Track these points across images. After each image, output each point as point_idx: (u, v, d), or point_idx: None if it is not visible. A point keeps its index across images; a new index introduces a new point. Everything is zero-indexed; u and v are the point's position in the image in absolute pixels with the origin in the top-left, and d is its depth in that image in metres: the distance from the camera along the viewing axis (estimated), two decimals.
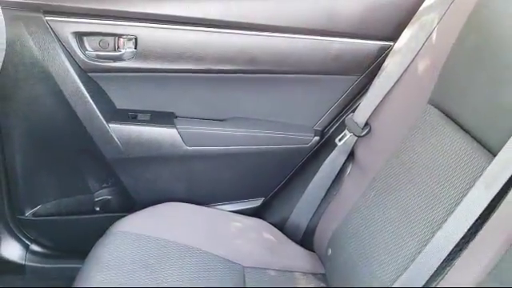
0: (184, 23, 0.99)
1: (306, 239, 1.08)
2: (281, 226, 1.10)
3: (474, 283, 0.56)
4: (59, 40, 0.97)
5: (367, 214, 0.87)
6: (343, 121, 1.04)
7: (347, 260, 0.87)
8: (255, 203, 1.17)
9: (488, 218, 0.59)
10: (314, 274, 0.98)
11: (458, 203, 0.66)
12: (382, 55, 1.02)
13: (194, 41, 1.01)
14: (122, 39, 0.99)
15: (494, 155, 0.64)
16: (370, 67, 1.04)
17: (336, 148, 1.01)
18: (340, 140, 0.99)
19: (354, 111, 1.00)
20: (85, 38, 0.99)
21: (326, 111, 1.10)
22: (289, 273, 0.96)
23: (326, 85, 1.08)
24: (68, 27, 0.97)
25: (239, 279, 0.92)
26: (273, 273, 0.96)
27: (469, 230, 0.62)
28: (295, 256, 1.02)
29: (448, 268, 0.62)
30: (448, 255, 0.63)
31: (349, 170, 1.01)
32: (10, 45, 0.87)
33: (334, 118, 1.11)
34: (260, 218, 1.11)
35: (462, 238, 0.62)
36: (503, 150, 0.62)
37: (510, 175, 0.59)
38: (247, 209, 1.16)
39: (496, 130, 0.66)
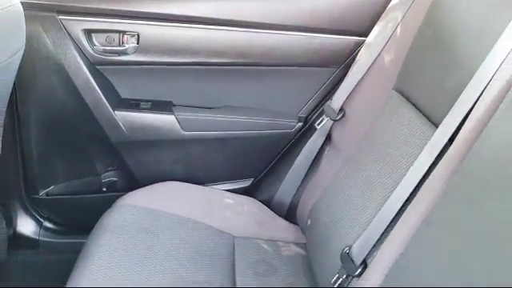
0: (181, 21, 1.12)
1: (290, 214, 1.20)
2: (268, 203, 1.22)
3: (413, 231, 0.67)
4: (70, 36, 1.10)
5: (340, 187, 0.99)
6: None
7: (322, 228, 0.99)
8: (245, 183, 1.30)
9: (428, 176, 0.71)
10: (296, 244, 1.09)
11: (408, 169, 0.77)
12: (356, 49, 1.14)
13: (189, 37, 1.13)
14: (125, 35, 1.12)
15: (437, 127, 0.76)
16: (347, 60, 1.16)
17: (316, 132, 1.14)
18: (319, 124, 1.12)
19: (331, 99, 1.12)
20: (93, 35, 1.12)
21: (309, 100, 1.23)
22: (273, 242, 1.08)
23: (308, 76, 1.20)
24: (78, 25, 1.11)
25: (229, 247, 1.04)
26: (259, 242, 1.08)
27: (414, 189, 0.74)
28: (280, 228, 1.14)
29: (395, 222, 0.74)
30: (397, 212, 0.75)
31: (326, 150, 1.14)
32: (27, 41, 0.99)
33: (316, 106, 1.23)
34: (249, 196, 1.24)
35: (409, 196, 0.74)
36: (443, 122, 0.74)
37: (445, 142, 0.71)
38: (238, 188, 1.29)
39: (440, 107, 0.78)
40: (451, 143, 0.70)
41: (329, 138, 1.14)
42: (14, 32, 0.90)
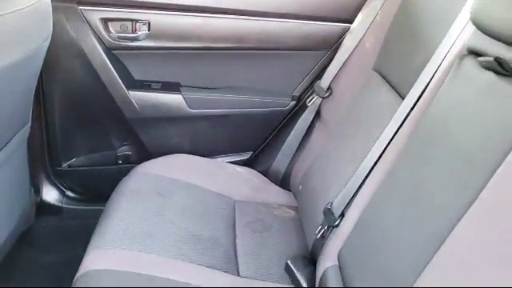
0: (187, 10, 1.26)
1: (284, 182, 1.35)
2: (265, 173, 1.37)
3: (377, 184, 0.82)
4: (89, 24, 1.25)
5: (326, 156, 1.14)
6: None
7: (311, 191, 1.14)
8: (245, 155, 1.45)
9: (391, 141, 0.85)
10: (288, 206, 1.24)
11: (379, 136, 0.91)
12: (343, 34, 1.28)
13: (195, 24, 1.28)
14: (138, 23, 1.27)
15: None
16: (335, 44, 1.30)
17: (307, 108, 1.28)
18: (309, 102, 1.26)
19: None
20: (109, 23, 1.26)
21: (301, 80, 1.37)
22: (268, 205, 1.23)
23: (300, 59, 1.34)
24: (96, 14, 1.25)
25: (230, 208, 1.19)
26: (256, 205, 1.23)
27: (383, 151, 0.88)
28: (274, 193, 1.29)
29: (367, 179, 0.88)
30: (369, 171, 0.90)
31: (316, 125, 1.28)
32: (52, 29, 1.14)
33: (308, 86, 1.37)
34: (249, 166, 1.39)
35: (379, 157, 0.88)
36: (408, 95, 0.88)
37: (408, 111, 0.85)
38: (239, 160, 1.44)
39: (408, 83, 0.91)
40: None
41: (318, 113, 1.28)
42: (44, 21, 1.04)
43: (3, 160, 1.09)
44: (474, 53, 0.69)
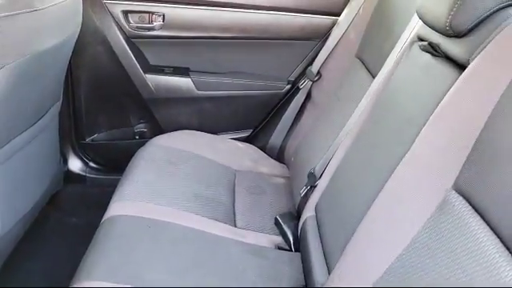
0: (197, 4, 1.45)
1: (279, 156, 1.54)
2: (263, 148, 1.56)
3: (348, 146, 1.00)
4: (112, 16, 1.44)
5: (314, 131, 1.33)
6: None
7: (300, 162, 1.33)
8: (246, 133, 1.64)
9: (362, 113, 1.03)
10: (282, 176, 1.43)
11: (353, 112, 1.09)
12: (332, 26, 1.45)
13: (203, 16, 1.46)
14: (154, 15, 1.46)
15: None
16: (326, 35, 1.47)
17: (299, 91, 1.46)
18: (302, 85, 1.44)
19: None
20: (129, 15, 1.46)
21: (296, 66, 1.55)
22: (264, 174, 1.42)
23: (296, 48, 1.52)
24: (118, 7, 1.44)
25: (231, 176, 1.38)
26: (253, 174, 1.41)
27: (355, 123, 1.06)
28: (270, 166, 1.48)
29: (342, 144, 1.06)
30: (343, 141, 1.07)
31: (307, 105, 1.47)
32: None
33: (302, 71, 1.55)
34: (249, 142, 1.58)
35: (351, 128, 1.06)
36: (377, 75, 1.05)
37: (375, 88, 1.02)
38: (240, 137, 1.63)
39: (378, 66, 1.08)
40: None
41: (309, 95, 1.46)
42: (75, 14, 1.24)
43: (38, 130, 1.29)
44: (421, 39, 0.86)
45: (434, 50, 0.77)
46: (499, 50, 0.63)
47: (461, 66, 0.70)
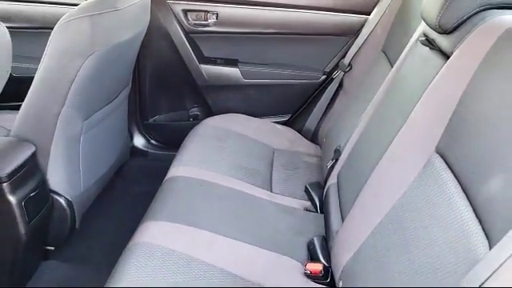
0: (245, 4, 1.68)
1: (314, 138, 1.74)
2: (300, 131, 1.77)
3: (363, 127, 1.19)
4: (174, 14, 1.70)
5: (343, 115, 1.52)
6: None
7: (330, 142, 1.52)
8: (285, 117, 1.87)
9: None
10: (314, 156, 1.63)
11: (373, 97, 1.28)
12: (363, 24, 1.64)
13: (250, 14, 1.69)
14: (209, 14, 1.71)
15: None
16: (357, 31, 1.66)
17: (333, 81, 1.66)
18: (335, 75, 1.64)
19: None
20: (188, 13, 1.71)
21: (331, 59, 1.75)
22: (299, 152, 1.63)
23: (331, 42, 1.72)
24: (179, 6, 1.70)
25: (270, 154, 1.59)
26: (289, 152, 1.62)
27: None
28: (305, 146, 1.69)
29: (361, 123, 1.26)
30: (363, 119, 1.27)
31: (339, 93, 1.66)
32: None
33: (336, 64, 1.74)
34: (287, 125, 1.79)
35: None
36: (395, 64, 1.23)
37: (391, 76, 1.20)
38: (280, 120, 1.85)
39: (396, 57, 1.26)
40: None
41: (341, 84, 1.66)
42: (145, 12, 1.50)
43: (112, 109, 1.56)
44: (424, 35, 1.04)
45: (430, 43, 0.95)
46: (472, 44, 0.81)
47: (447, 57, 0.88)
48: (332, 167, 1.35)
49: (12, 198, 1.15)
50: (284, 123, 1.84)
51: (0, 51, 0.91)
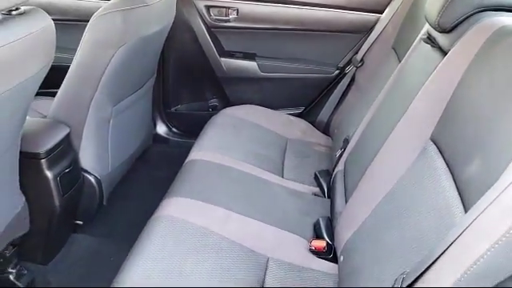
0: (264, 1, 1.78)
1: (326, 130, 1.84)
2: (313, 123, 1.87)
3: (372, 114, 1.28)
4: (197, 10, 1.81)
5: (354, 108, 1.61)
6: None
7: (341, 133, 1.62)
8: (299, 110, 1.96)
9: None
10: (326, 146, 1.73)
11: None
12: (376, 22, 1.72)
13: (268, 11, 1.79)
14: (230, 10, 1.81)
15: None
16: (370, 29, 1.74)
17: (345, 76, 1.75)
18: (347, 70, 1.73)
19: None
20: (210, 9, 1.82)
21: (345, 55, 1.84)
22: (310, 142, 1.72)
23: (345, 39, 1.81)
24: (202, 2, 1.81)
25: (284, 143, 1.69)
26: (302, 142, 1.72)
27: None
28: (317, 137, 1.78)
29: (368, 113, 1.35)
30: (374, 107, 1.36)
31: (351, 87, 1.75)
32: None
33: (349, 59, 1.83)
34: (301, 117, 1.89)
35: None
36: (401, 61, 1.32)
37: (397, 71, 1.29)
38: (294, 113, 1.95)
39: (404, 54, 1.34)
40: None
41: (353, 79, 1.75)
42: (171, 7, 1.61)
43: (139, 97, 1.68)
44: (428, 33, 1.13)
45: (431, 41, 1.04)
46: (466, 42, 0.90)
47: (446, 54, 0.97)
48: (340, 156, 1.44)
49: (49, 173, 1.28)
50: (298, 115, 1.93)
51: (46, 40, 1.02)
